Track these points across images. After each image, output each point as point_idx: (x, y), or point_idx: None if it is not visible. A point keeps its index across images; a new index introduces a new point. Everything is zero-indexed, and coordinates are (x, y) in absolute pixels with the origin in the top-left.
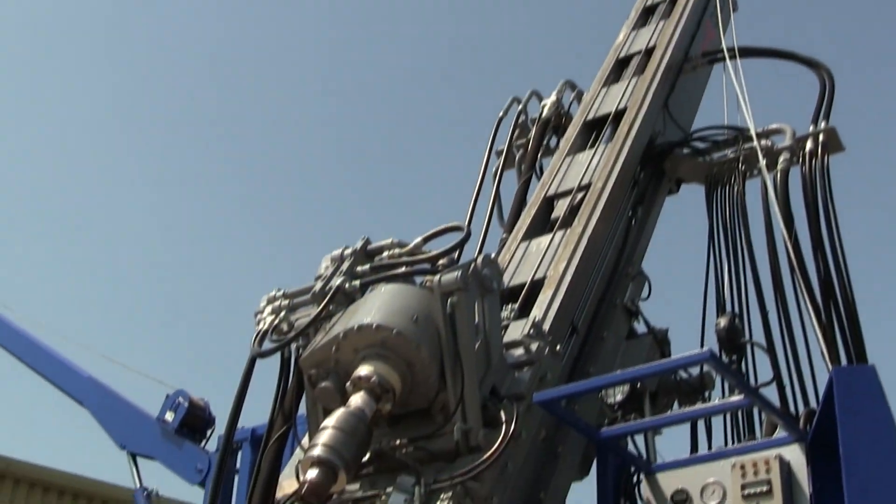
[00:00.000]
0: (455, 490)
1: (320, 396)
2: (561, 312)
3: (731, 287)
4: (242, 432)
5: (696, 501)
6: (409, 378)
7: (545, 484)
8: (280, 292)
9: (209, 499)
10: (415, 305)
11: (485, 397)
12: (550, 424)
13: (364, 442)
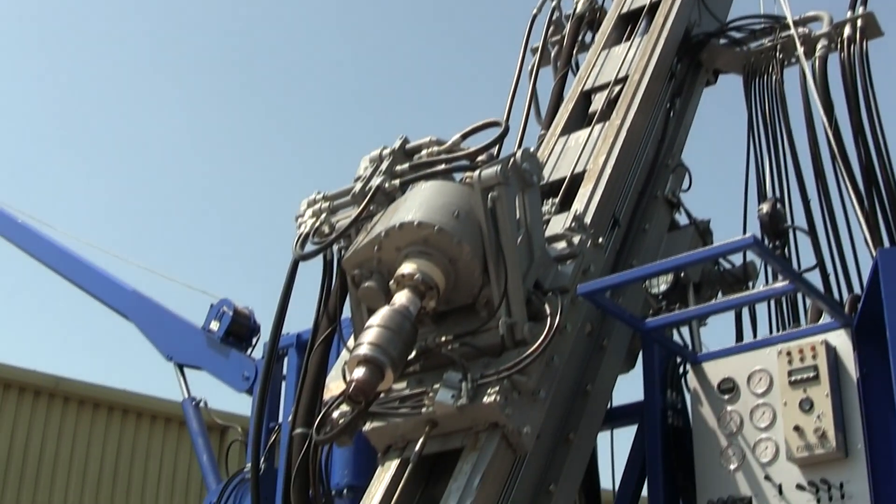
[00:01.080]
0: (502, 384)
1: (364, 296)
2: (602, 205)
3: (771, 176)
4: (288, 338)
5: (742, 390)
6: (452, 274)
7: (592, 377)
8: (320, 195)
9: (257, 405)
10: (455, 202)
11: (529, 291)
12: (595, 317)
13: (410, 340)
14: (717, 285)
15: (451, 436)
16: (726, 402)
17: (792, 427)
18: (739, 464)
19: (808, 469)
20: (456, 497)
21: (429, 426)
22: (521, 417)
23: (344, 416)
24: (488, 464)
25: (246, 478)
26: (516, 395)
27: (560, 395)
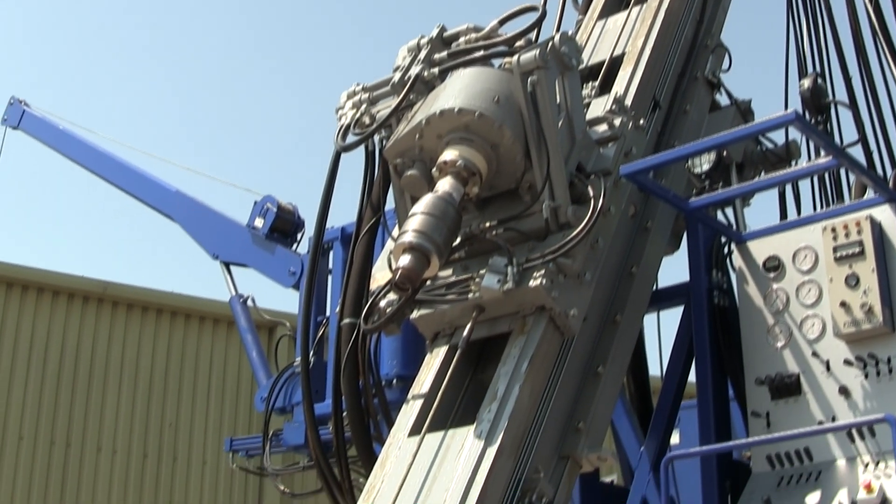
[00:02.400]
0: (547, 267)
1: (407, 185)
2: (642, 87)
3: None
4: (332, 231)
5: (788, 267)
6: (494, 160)
7: (636, 259)
8: (359, 87)
9: (304, 298)
10: (495, 87)
11: (571, 174)
12: (639, 200)
13: (454, 226)
14: (759, 165)
15: (498, 320)
16: (772, 280)
17: (838, 303)
18: (786, 341)
19: (856, 344)
20: (505, 381)
21: (476, 311)
22: (567, 300)
23: (391, 305)
24: (536, 347)
25: (296, 372)
26: (562, 277)
27: (605, 277)
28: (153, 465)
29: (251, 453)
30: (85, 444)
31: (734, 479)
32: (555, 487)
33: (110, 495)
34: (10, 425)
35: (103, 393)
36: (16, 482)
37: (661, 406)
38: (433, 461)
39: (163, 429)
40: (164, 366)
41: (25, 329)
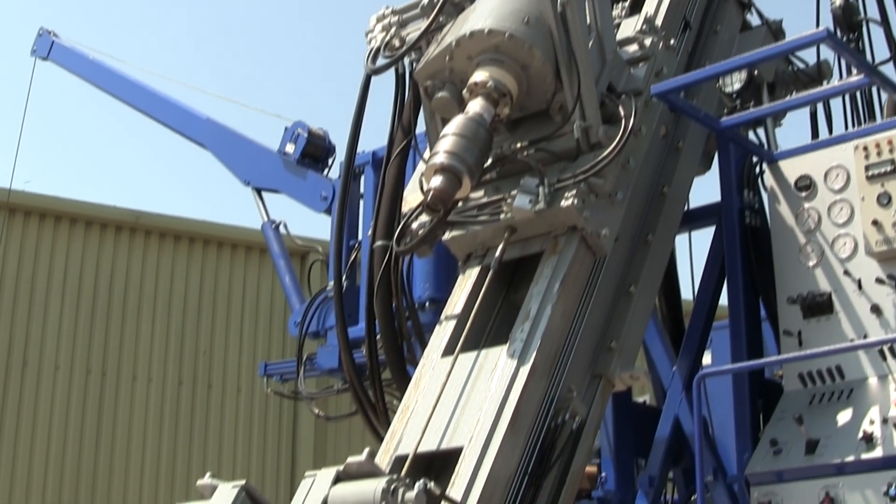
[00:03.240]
0: (579, 187)
1: (437, 107)
2: (672, 7)
3: None
4: (363, 156)
5: (819, 186)
6: (524, 80)
7: (668, 179)
8: (389, 10)
9: (336, 221)
10: (525, 8)
11: (602, 94)
12: (670, 120)
13: (485, 147)
14: (790, 85)
15: (530, 241)
16: (804, 199)
17: (870, 222)
18: (818, 260)
19: (887, 263)
20: (537, 301)
21: (508, 232)
22: (599, 220)
23: (423, 227)
24: (568, 267)
25: (328, 296)
26: (593, 197)
27: (637, 197)
28: (188, 392)
29: (285, 378)
30: (120, 373)
31: (766, 397)
32: (588, 406)
33: (146, 423)
34: (46, 355)
35: (137, 322)
36: (52, 412)
37: (692, 326)
38: (466, 381)
39: (197, 356)
40: (198, 294)
41: (59, 260)
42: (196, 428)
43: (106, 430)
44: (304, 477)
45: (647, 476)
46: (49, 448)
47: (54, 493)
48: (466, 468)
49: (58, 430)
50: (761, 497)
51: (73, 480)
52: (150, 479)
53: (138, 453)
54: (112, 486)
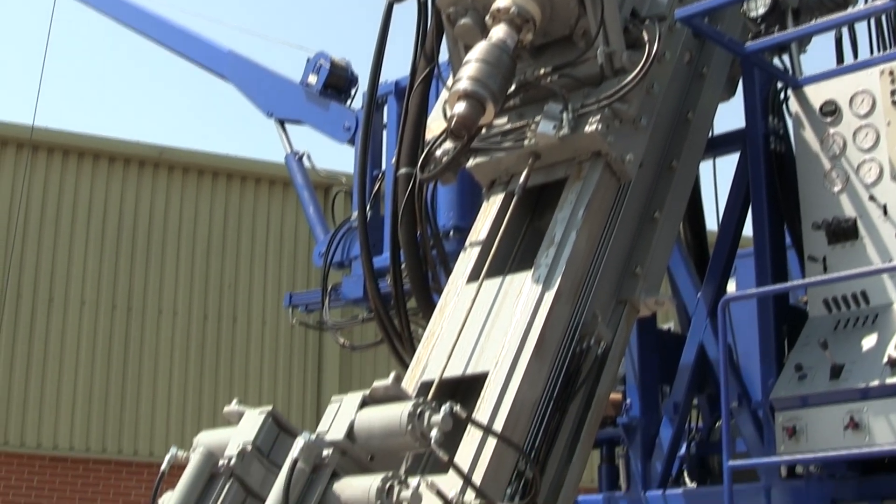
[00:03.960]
0: (603, 113)
1: (460, 34)
2: None
3: None
4: (386, 86)
5: (845, 112)
6: (547, 6)
7: (692, 104)
8: None
9: (360, 149)
10: None
11: (625, 19)
12: (694, 46)
13: (509, 73)
14: (815, 11)
15: (554, 167)
16: (829, 124)
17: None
18: (843, 186)
19: None
20: (562, 226)
21: (532, 158)
22: (623, 145)
23: (447, 154)
24: (593, 192)
25: (353, 226)
26: (617, 123)
27: (661, 123)
28: (213, 326)
29: (310, 308)
30: (146, 308)
31: (791, 323)
32: (613, 332)
33: (172, 357)
34: (72, 291)
35: (162, 257)
36: (79, 347)
37: (717, 253)
38: (491, 307)
39: (222, 290)
40: (222, 228)
41: (83, 196)
42: (222, 361)
43: (132, 364)
44: (330, 402)
45: (672, 402)
46: (76, 383)
47: (82, 428)
48: (492, 392)
49: (85, 366)
50: (786, 422)
51: (101, 415)
52: (176, 411)
53: (165, 387)
54: (139, 420)
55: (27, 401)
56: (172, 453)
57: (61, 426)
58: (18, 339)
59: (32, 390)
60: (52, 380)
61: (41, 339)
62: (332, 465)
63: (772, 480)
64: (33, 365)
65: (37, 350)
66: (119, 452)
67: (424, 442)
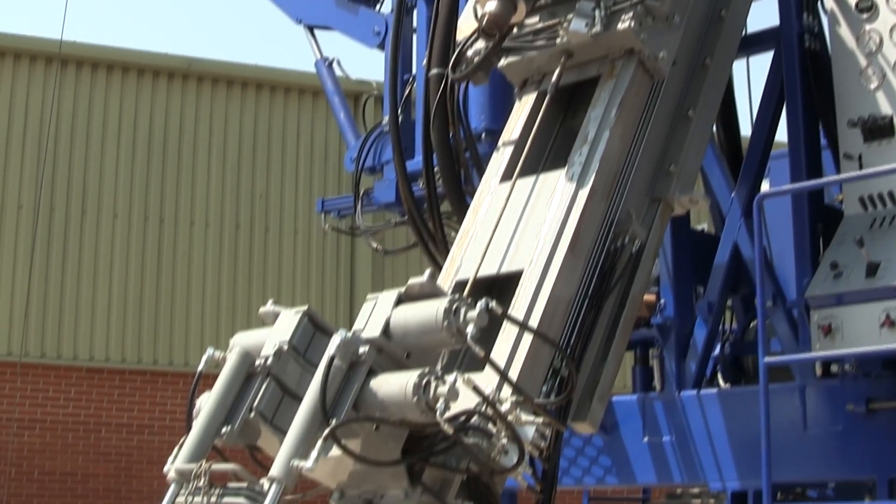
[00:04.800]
0: (636, 10)
1: None
2: None
3: None
4: None
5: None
6: None
7: (725, 3)
8: None
9: (390, 56)
10: None
11: None
12: None
13: None
14: None
15: (586, 65)
16: (865, 21)
17: None
18: (879, 83)
19: None
20: (595, 124)
21: (564, 57)
22: (656, 42)
23: (478, 53)
24: (626, 90)
25: (384, 130)
26: (650, 20)
27: (694, 21)
28: (246, 236)
29: (342, 214)
30: (178, 219)
31: (826, 222)
32: (647, 230)
33: (205, 268)
34: (104, 204)
35: (193, 168)
36: (113, 259)
37: (751, 153)
38: (525, 205)
39: (253, 200)
40: (252, 138)
41: (113, 110)
42: (254, 271)
43: (166, 276)
44: (365, 300)
45: (706, 303)
46: (111, 295)
47: (118, 340)
48: (527, 290)
49: (118, 278)
50: (821, 320)
51: (136, 326)
52: (210, 322)
53: (198, 298)
54: (174, 330)
55: (63, 314)
56: (209, 354)
57: (97, 338)
58: (52, 253)
59: (68, 303)
60: (86, 292)
61: (75, 253)
62: (369, 363)
63: (807, 380)
64: (68, 278)
65: (71, 263)
66: (154, 363)
67: (460, 338)
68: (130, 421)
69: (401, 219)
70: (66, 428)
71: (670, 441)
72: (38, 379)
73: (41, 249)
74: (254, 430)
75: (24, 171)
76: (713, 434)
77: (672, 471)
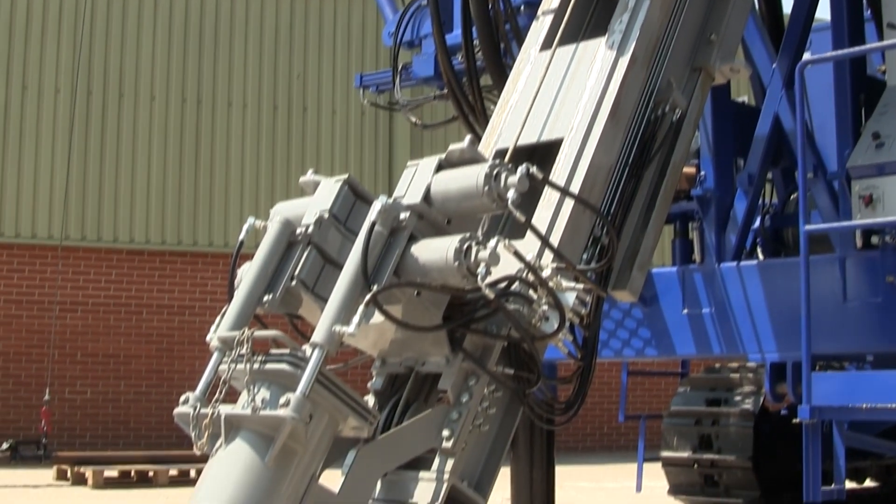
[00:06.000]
0: None
1: None
2: None
3: None
4: None
5: None
6: None
7: None
8: None
9: None
10: None
11: None
12: None
13: None
14: None
15: None
16: None
17: None
18: None
19: None
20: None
21: None
22: None
23: None
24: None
25: (423, 3)
26: None
27: None
28: (283, 116)
29: (381, 89)
30: (216, 101)
31: (868, 93)
32: (688, 99)
33: (243, 149)
34: (141, 86)
35: (230, 48)
36: (151, 141)
37: (792, 23)
38: (565, 73)
39: (291, 80)
40: (289, 17)
41: None
42: (293, 151)
43: (204, 157)
44: (405, 167)
45: (746, 174)
46: (150, 178)
47: (157, 221)
48: (567, 157)
49: (157, 160)
50: (862, 191)
51: (175, 208)
52: (249, 202)
53: (237, 179)
54: (213, 211)
55: (102, 196)
56: (250, 223)
57: (137, 220)
58: (91, 136)
59: (107, 186)
60: (125, 175)
61: (113, 136)
62: (410, 228)
63: (847, 251)
64: (107, 161)
65: (109, 147)
66: (194, 244)
67: (501, 203)
68: (171, 302)
69: (440, 92)
70: (108, 310)
71: (710, 313)
72: (78, 262)
73: (79, 133)
74: (295, 299)
75: (61, 55)
76: (752, 306)
77: (711, 343)
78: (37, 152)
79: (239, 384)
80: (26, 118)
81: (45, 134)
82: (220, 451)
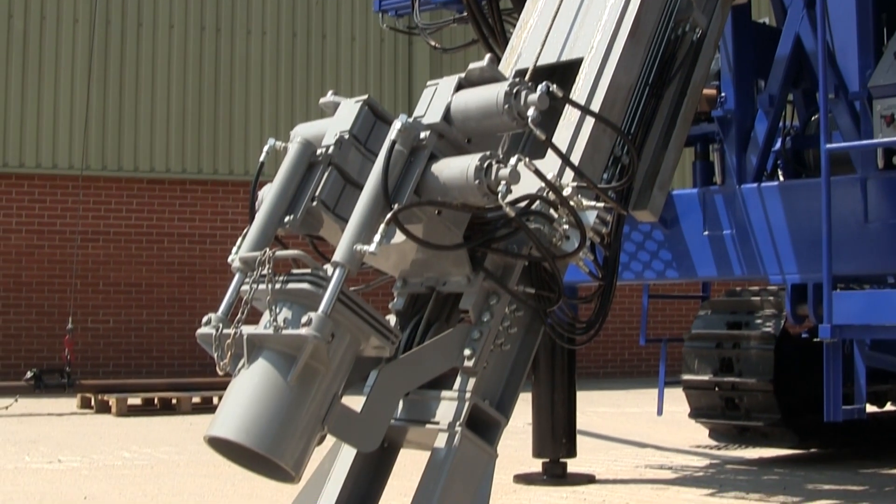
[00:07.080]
0: None
1: None
2: None
3: None
4: None
5: None
6: None
7: None
8: None
9: None
10: None
11: None
12: None
13: None
14: None
15: None
16: None
17: None
18: None
19: None
20: None
21: None
22: None
23: None
24: None
25: None
26: None
27: None
28: (302, 43)
29: (400, 13)
30: (234, 28)
31: (890, 12)
32: (708, 19)
33: (262, 76)
34: (160, 15)
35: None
36: (170, 70)
37: None
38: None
39: (310, 7)
40: None
41: None
42: (312, 78)
43: (223, 85)
44: (425, 87)
45: (767, 95)
46: (169, 106)
47: (177, 150)
48: (587, 76)
49: (176, 89)
50: (884, 110)
51: (195, 137)
52: (269, 130)
53: (257, 107)
54: (233, 139)
55: (122, 126)
56: (271, 144)
57: (157, 149)
58: (110, 66)
59: (127, 115)
60: (145, 104)
61: (132, 65)
62: (430, 147)
63: (868, 171)
64: (126, 90)
65: (128, 76)
66: (214, 172)
67: (521, 121)
68: (192, 231)
69: (459, 15)
70: (129, 239)
71: (730, 235)
72: (99, 191)
73: (98, 63)
74: (316, 220)
75: None
76: (773, 227)
77: (732, 264)
78: (56, 83)
79: (261, 304)
80: (45, 48)
81: (64, 64)
82: (242, 371)
